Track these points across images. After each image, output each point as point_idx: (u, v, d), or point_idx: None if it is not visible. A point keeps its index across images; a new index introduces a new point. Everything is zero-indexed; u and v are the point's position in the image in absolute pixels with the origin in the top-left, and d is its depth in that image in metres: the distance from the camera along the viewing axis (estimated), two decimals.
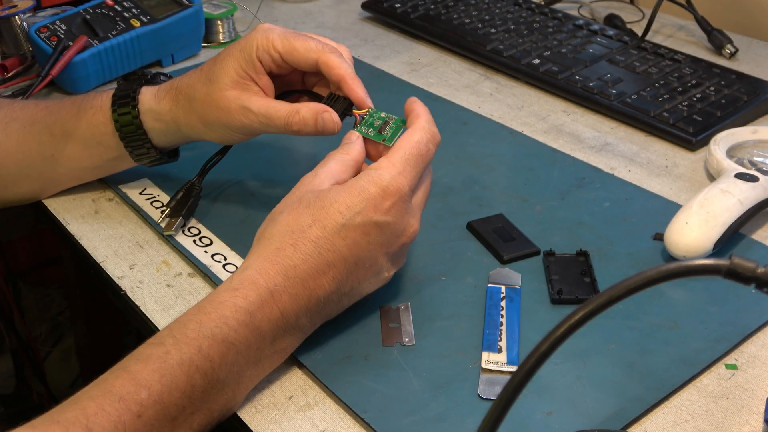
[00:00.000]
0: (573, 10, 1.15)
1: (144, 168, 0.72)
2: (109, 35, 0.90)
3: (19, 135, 0.69)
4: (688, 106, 0.85)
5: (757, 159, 0.75)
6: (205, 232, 0.69)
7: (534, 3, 1.10)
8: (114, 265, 0.66)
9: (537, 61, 0.95)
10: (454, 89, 0.93)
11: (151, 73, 0.73)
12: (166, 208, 0.68)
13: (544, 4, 1.12)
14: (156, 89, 0.67)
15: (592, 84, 0.90)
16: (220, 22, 1.03)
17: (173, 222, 0.67)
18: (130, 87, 0.67)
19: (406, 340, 0.58)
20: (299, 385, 0.55)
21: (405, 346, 0.57)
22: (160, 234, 0.68)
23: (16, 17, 0.94)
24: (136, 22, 0.92)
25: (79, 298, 1.14)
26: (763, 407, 0.53)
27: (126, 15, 0.92)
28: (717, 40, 1.02)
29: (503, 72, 0.98)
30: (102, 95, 0.68)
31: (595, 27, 1.03)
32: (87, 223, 0.71)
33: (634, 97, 0.87)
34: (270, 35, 0.63)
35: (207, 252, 0.66)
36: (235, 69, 0.63)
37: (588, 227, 0.69)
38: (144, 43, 0.92)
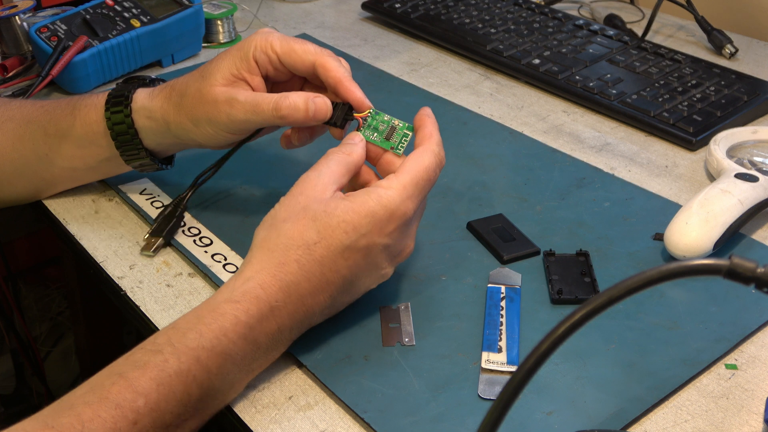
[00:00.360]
0: (573, 10, 1.15)
1: None
2: (109, 35, 0.90)
3: (15, 134, 0.69)
4: (688, 106, 0.85)
5: (757, 159, 0.75)
6: (205, 232, 0.69)
7: (534, 3, 1.10)
8: (114, 265, 0.66)
9: (537, 61, 0.95)
10: (454, 89, 0.93)
11: (150, 77, 0.73)
12: (150, 228, 0.67)
13: (544, 4, 1.12)
14: (152, 89, 0.67)
15: (592, 84, 0.90)
16: (220, 22, 1.03)
17: (153, 242, 0.66)
18: (126, 88, 0.67)
19: (406, 340, 0.58)
20: (299, 385, 0.55)
21: (405, 346, 0.57)
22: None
23: (16, 17, 0.94)
24: (136, 22, 0.92)
25: (79, 298, 1.14)
26: (763, 407, 0.53)
27: (126, 15, 0.92)
28: (717, 40, 1.02)
29: (503, 72, 0.98)
30: (98, 95, 0.68)
31: (595, 27, 1.03)
32: (87, 223, 0.71)
33: (634, 97, 0.87)
34: (269, 37, 0.63)
35: (207, 252, 0.66)
36: (229, 67, 0.63)
37: (588, 227, 0.69)
38: (144, 43, 0.92)
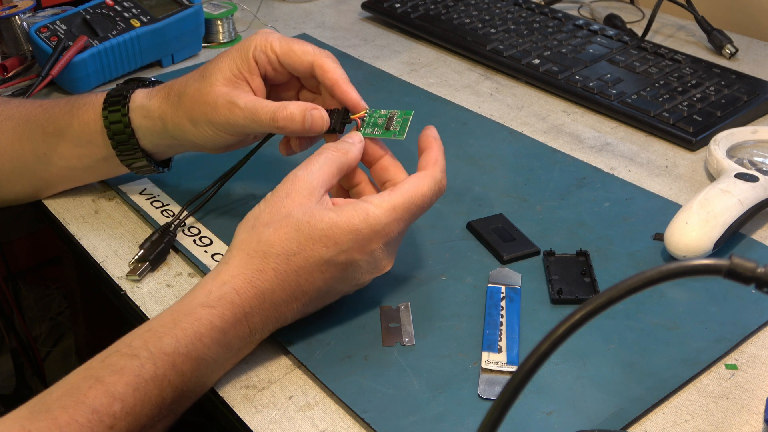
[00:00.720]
0: (573, 10, 1.15)
1: None
2: (109, 35, 0.90)
3: (14, 133, 0.69)
4: (688, 106, 0.85)
5: (757, 159, 0.75)
6: (205, 232, 0.69)
7: (534, 3, 1.10)
8: (114, 265, 0.66)
9: (537, 61, 0.95)
10: (454, 89, 0.93)
11: (150, 79, 0.73)
12: (140, 250, 0.65)
13: (544, 4, 1.12)
14: (151, 89, 0.67)
15: (592, 84, 0.90)
16: (220, 22, 1.03)
17: (139, 266, 0.64)
18: (125, 88, 0.67)
19: (406, 340, 0.58)
20: (299, 385, 0.55)
21: (405, 346, 0.57)
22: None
23: (16, 17, 0.94)
24: (136, 22, 0.92)
25: (79, 298, 1.14)
26: (763, 407, 0.53)
27: (126, 15, 0.92)
28: (717, 40, 1.02)
29: (503, 72, 0.98)
30: (97, 94, 0.68)
31: (595, 27, 1.03)
32: (87, 223, 0.71)
33: (634, 97, 0.87)
34: (269, 37, 0.64)
35: (207, 252, 0.66)
36: (230, 67, 0.63)
37: (588, 227, 0.69)
38: (144, 43, 0.92)
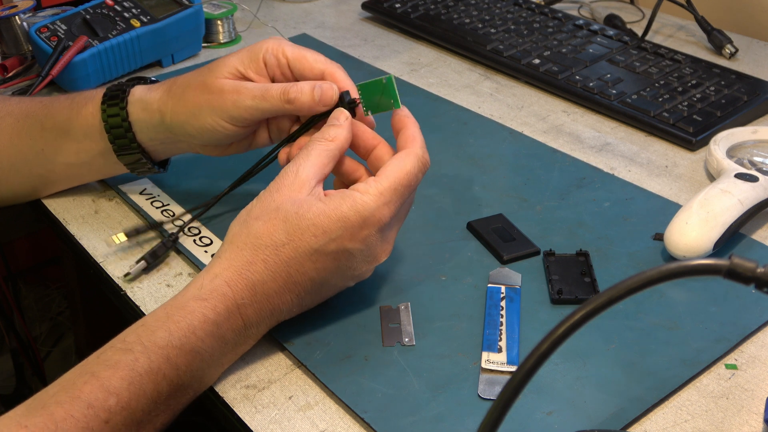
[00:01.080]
0: (573, 10, 1.15)
1: None
2: (109, 35, 0.90)
3: (13, 129, 0.69)
4: (688, 106, 0.85)
5: (757, 159, 0.75)
6: (205, 232, 0.69)
7: (534, 3, 1.10)
8: (114, 265, 0.66)
9: (537, 61, 0.95)
10: (454, 89, 0.93)
11: (151, 78, 0.73)
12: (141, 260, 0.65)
13: (544, 4, 1.12)
14: (152, 84, 0.68)
15: (592, 84, 0.90)
16: (220, 22, 1.03)
17: (137, 268, 0.64)
18: (127, 84, 0.68)
19: (406, 340, 0.58)
20: (299, 385, 0.55)
21: (405, 346, 0.57)
22: (161, 235, 0.68)
23: (16, 17, 0.94)
24: (136, 22, 0.92)
25: (79, 298, 1.14)
26: (763, 407, 0.53)
27: (126, 15, 0.92)
28: (717, 40, 1.02)
29: (503, 72, 0.98)
30: (97, 90, 0.68)
31: (595, 27, 1.03)
32: (87, 223, 0.71)
33: (634, 97, 0.87)
34: (282, 42, 0.64)
35: (207, 252, 0.66)
36: (236, 64, 0.63)
37: (588, 227, 0.69)
38: (144, 43, 0.92)
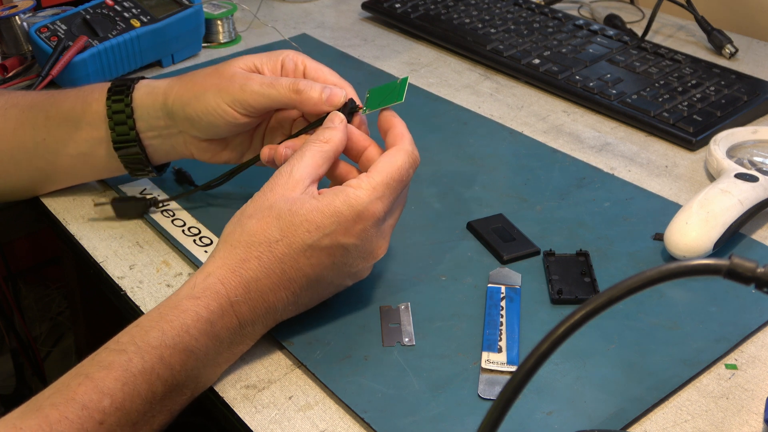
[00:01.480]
0: (573, 10, 1.15)
1: None
2: (109, 35, 0.90)
3: (17, 120, 0.69)
4: (688, 106, 0.85)
5: (757, 159, 0.75)
6: (205, 232, 0.69)
7: (534, 3, 1.10)
8: (114, 265, 0.66)
9: (537, 61, 0.95)
10: (454, 89, 0.93)
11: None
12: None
13: (544, 4, 1.12)
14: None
15: (592, 84, 0.90)
16: (220, 22, 1.03)
17: (103, 202, 0.66)
18: (136, 78, 0.68)
19: (406, 340, 0.58)
20: (299, 385, 0.55)
21: (405, 346, 0.57)
22: (161, 234, 0.68)
23: (16, 17, 0.94)
24: (136, 22, 0.92)
25: (79, 298, 1.14)
26: (763, 407, 0.53)
27: (126, 15, 0.92)
28: (717, 40, 1.02)
29: (503, 72, 0.98)
30: (107, 82, 0.68)
31: (595, 27, 1.03)
32: (87, 223, 0.71)
33: (634, 97, 0.87)
34: (302, 54, 0.65)
35: (207, 252, 0.66)
36: (255, 60, 0.65)
37: (588, 227, 0.69)
38: (144, 43, 0.92)
